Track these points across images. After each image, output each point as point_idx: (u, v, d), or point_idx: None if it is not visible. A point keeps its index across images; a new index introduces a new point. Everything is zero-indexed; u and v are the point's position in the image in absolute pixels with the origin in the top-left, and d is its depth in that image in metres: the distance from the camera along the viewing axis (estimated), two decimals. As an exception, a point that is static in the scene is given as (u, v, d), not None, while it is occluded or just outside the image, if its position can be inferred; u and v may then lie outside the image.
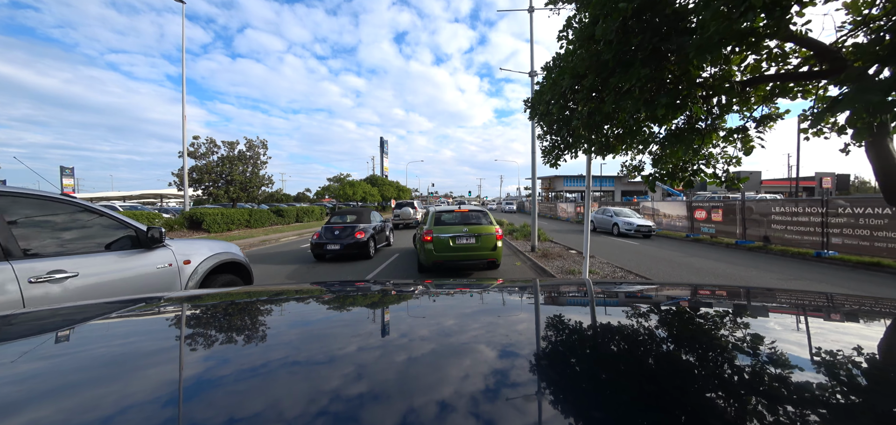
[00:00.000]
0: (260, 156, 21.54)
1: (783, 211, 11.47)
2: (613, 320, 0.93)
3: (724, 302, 1.16)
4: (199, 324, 0.94)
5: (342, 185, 40.74)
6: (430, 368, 0.61)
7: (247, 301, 1.15)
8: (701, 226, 15.13)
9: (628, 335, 0.79)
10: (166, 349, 0.75)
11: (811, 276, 8.08)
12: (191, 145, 19.11)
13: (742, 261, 10.06)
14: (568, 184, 63.04)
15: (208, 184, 19.44)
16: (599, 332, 0.83)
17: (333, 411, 0.47)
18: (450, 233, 7.17)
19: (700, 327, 0.87)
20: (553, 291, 1.34)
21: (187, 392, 0.53)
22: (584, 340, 0.80)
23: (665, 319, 0.92)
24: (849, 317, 0.95)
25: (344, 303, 1.18)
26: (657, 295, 1.25)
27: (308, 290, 1.36)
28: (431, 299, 1.22)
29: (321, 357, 0.67)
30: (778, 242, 11.56)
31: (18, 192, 2.48)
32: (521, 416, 0.45)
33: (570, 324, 0.88)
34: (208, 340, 0.82)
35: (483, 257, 7.23)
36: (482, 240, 7.18)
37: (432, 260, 7.11)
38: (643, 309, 1.01)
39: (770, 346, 0.69)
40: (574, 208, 30.11)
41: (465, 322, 0.90)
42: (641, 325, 0.86)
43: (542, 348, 0.72)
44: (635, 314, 0.95)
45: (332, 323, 0.95)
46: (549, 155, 4.90)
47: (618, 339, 0.78)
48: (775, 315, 0.96)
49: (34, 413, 0.47)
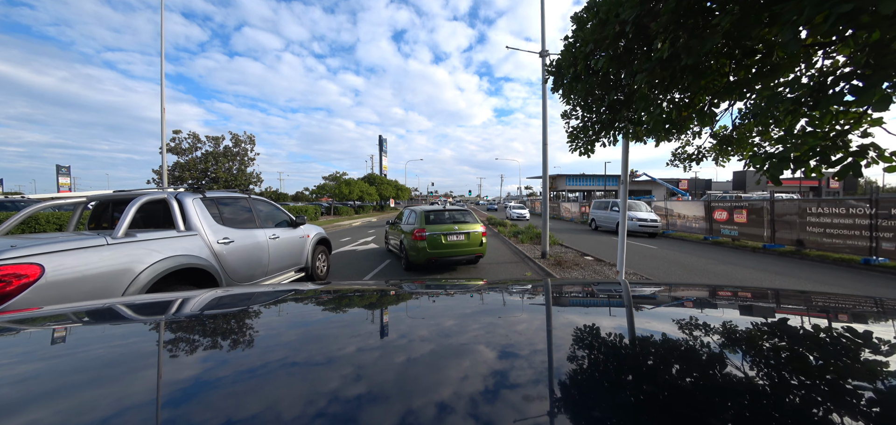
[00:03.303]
0: (248, 152, 20.26)
1: (822, 212, 10.27)
2: (654, 328, 0.85)
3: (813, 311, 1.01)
4: (198, 325, 0.91)
5: (338, 184, 39.36)
6: (454, 368, 0.60)
7: (246, 301, 1.15)
8: (721, 228, 13.93)
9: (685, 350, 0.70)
10: (166, 349, 0.74)
11: (863, 286, 6.91)
12: (171, 140, 17.85)
13: (777, 267, 8.86)
14: (570, 184, 61.74)
15: (191, 181, 18.08)
16: (639, 342, 0.76)
17: (354, 416, 0.46)
18: (441, 230, 7.50)
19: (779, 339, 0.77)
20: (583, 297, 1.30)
21: (186, 392, 0.52)
22: (622, 347, 0.73)
23: (719, 329, 0.81)
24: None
25: (352, 303, 1.17)
26: (704, 299, 1.19)
27: (309, 291, 1.34)
28: (449, 296, 1.21)
29: (337, 356, 0.66)
30: (814, 247, 10.37)
31: (259, 198, 5.24)
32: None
33: (606, 331, 0.80)
34: (207, 340, 0.79)
35: (472, 253, 7.73)
36: (471, 236, 7.74)
37: (425, 257, 7.32)
38: (691, 316, 0.94)
39: (855, 359, 0.64)
40: (578, 208, 28.91)
41: (488, 327, 0.82)
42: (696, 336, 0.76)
43: (572, 353, 0.67)
44: (687, 323, 0.86)
45: (346, 324, 0.92)
46: (579, 140, 3.67)
47: (665, 354, 0.69)
48: (851, 323, 0.87)
49: (35, 413, 0.47)
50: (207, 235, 3.77)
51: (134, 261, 2.92)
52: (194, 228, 3.70)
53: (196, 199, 3.96)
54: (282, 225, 5.28)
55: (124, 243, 2.94)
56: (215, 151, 19.11)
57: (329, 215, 35.09)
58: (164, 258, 3.16)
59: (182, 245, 3.45)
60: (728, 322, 0.86)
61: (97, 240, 2.77)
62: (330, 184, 41.09)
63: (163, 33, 14.71)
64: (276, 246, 4.82)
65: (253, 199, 4.99)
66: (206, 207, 4.01)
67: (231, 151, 19.64)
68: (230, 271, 3.91)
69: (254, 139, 20.45)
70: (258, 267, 4.41)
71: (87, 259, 2.64)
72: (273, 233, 4.84)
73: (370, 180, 51.39)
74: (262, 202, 5.22)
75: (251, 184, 20.43)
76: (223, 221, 4.13)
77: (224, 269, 3.82)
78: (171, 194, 3.81)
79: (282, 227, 5.20)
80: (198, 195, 4.05)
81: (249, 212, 4.74)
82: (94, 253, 2.70)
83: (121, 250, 2.88)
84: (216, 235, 3.87)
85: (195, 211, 3.83)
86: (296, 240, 5.37)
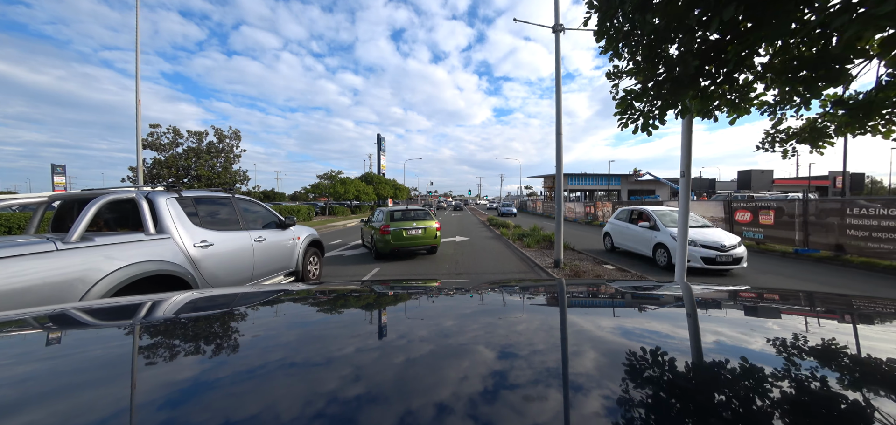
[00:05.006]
0: (233, 149, 19.03)
1: (865, 213, 9.10)
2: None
3: None
4: (197, 324, 0.90)
5: (334, 184, 38.09)
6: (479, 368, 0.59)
7: (245, 301, 1.12)
8: (743, 230, 12.77)
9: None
10: (165, 348, 0.72)
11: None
12: (149, 135, 16.60)
13: (821, 276, 7.70)
14: (572, 183, 60.54)
15: (170, 179, 16.78)
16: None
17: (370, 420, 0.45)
18: (403, 226, 9.17)
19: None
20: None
21: (184, 393, 0.51)
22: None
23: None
24: None
25: (339, 303, 1.14)
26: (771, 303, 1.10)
27: (309, 291, 1.33)
28: (468, 296, 1.22)
29: (347, 355, 0.65)
30: (856, 252, 9.21)
31: (244, 198, 4.92)
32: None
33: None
34: (206, 341, 0.78)
35: (429, 244, 9.57)
36: (427, 231, 9.45)
37: (390, 247, 9.01)
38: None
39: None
40: (583, 208, 27.75)
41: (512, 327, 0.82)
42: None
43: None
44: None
45: (351, 324, 0.90)
46: (632, 111, 2.50)
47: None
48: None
49: (34, 413, 0.46)
50: (182, 238, 3.50)
51: (89, 270, 2.65)
52: (166, 231, 3.42)
53: (170, 199, 3.65)
54: (270, 226, 5.02)
55: (78, 249, 2.65)
56: (198, 148, 17.87)
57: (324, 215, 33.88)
58: (127, 265, 2.90)
59: (151, 250, 3.18)
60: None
61: (44, 246, 2.49)
62: (325, 184, 39.77)
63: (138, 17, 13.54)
64: (263, 249, 4.56)
65: (237, 199, 4.69)
66: (183, 207, 3.72)
67: (215, 147, 18.40)
68: (209, 277, 3.64)
69: (239, 134, 19.19)
70: (242, 272, 4.18)
71: (30, 267, 2.36)
72: (259, 236, 4.57)
73: (367, 179, 50.16)
74: (247, 202, 4.93)
75: (237, 182, 19.17)
76: (202, 223, 3.86)
77: (202, 276, 3.56)
78: (140, 193, 3.50)
79: (269, 229, 4.93)
80: (173, 194, 3.75)
81: (233, 212, 4.45)
82: (39, 261, 2.41)
83: (74, 257, 2.60)
84: (193, 238, 3.60)
85: (169, 211, 3.54)
86: (285, 243, 5.12)
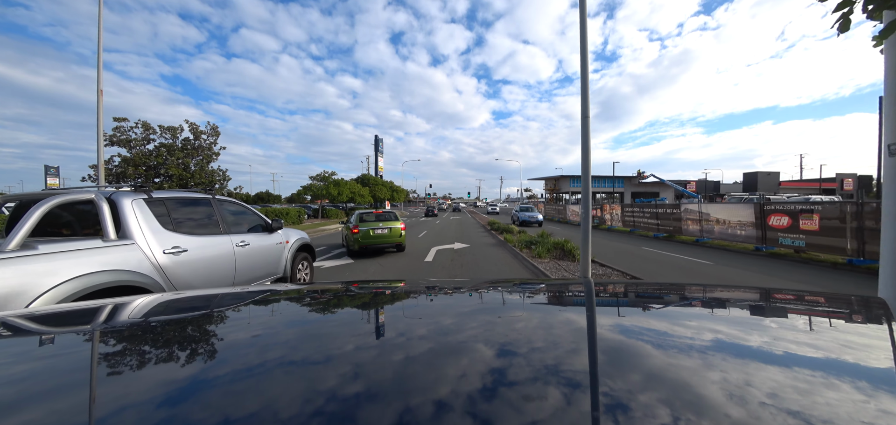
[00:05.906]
0: (212, 146, 17.48)
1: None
2: None
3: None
4: (196, 324, 0.89)
5: (327, 184, 36.50)
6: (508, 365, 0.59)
7: (244, 301, 1.11)
8: (779, 236, 11.28)
9: None
10: (164, 349, 0.71)
11: None
12: (115, 130, 15.04)
13: None
14: (574, 185, 59.10)
15: (137, 179, 15.18)
16: None
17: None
18: (370, 226, 10.50)
19: None
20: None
21: (183, 392, 0.51)
22: None
23: None
24: None
25: (371, 303, 1.14)
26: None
27: (308, 290, 1.30)
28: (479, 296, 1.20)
29: (350, 354, 0.64)
30: (929, 264, 7.72)
31: (225, 199, 4.52)
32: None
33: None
34: (205, 340, 0.77)
35: (394, 242, 10.83)
36: (392, 231, 10.71)
37: (359, 245, 10.37)
38: None
39: None
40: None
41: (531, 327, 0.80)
42: None
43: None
44: None
45: (357, 325, 0.89)
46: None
47: None
48: None
49: (34, 412, 0.46)
50: (149, 244, 3.17)
51: (30, 283, 2.36)
52: (130, 236, 3.09)
53: (137, 200, 3.31)
54: (255, 230, 4.72)
55: (17, 258, 2.37)
56: (171, 145, 16.31)
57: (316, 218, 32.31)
58: (79, 276, 2.59)
59: (109, 258, 2.85)
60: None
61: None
62: (317, 185, 38.15)
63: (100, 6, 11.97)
64: (246, 254, 4.23)
65: (217, 200, 4.31)
66: (152, 209, 3.39)
67: (191, 145, 16.84)
68: (183, 287, 3.28)
69: (218, 130, 17.62)
70: (221, 280, 3.92)
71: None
72: (242, 240, 4.26)
73: (363, 181, 48.59)
74: (229, 203, 4.59)
75: (214, 182, 17.61)
76: (175, 227, 3.54)
77: (172, 285, 3.25)
78: (100, 193, 3.13)
79: (254, 233, 4.63)
80: (140, 195, 3.41)
81: (212, 215, 4.11)
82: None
83: (11, 268, 2.31)
84: (162, 244, 3.28)
85: (134, 214, 3.20)
86: (271, 248, 4.82)
